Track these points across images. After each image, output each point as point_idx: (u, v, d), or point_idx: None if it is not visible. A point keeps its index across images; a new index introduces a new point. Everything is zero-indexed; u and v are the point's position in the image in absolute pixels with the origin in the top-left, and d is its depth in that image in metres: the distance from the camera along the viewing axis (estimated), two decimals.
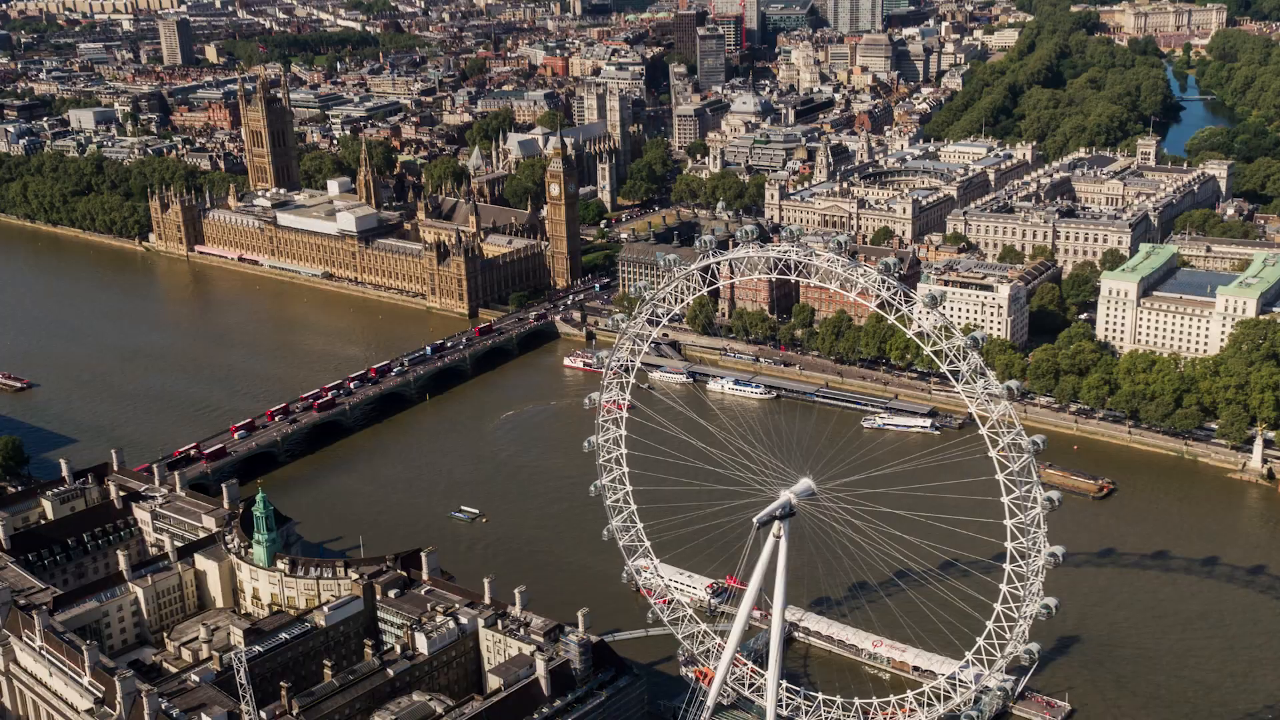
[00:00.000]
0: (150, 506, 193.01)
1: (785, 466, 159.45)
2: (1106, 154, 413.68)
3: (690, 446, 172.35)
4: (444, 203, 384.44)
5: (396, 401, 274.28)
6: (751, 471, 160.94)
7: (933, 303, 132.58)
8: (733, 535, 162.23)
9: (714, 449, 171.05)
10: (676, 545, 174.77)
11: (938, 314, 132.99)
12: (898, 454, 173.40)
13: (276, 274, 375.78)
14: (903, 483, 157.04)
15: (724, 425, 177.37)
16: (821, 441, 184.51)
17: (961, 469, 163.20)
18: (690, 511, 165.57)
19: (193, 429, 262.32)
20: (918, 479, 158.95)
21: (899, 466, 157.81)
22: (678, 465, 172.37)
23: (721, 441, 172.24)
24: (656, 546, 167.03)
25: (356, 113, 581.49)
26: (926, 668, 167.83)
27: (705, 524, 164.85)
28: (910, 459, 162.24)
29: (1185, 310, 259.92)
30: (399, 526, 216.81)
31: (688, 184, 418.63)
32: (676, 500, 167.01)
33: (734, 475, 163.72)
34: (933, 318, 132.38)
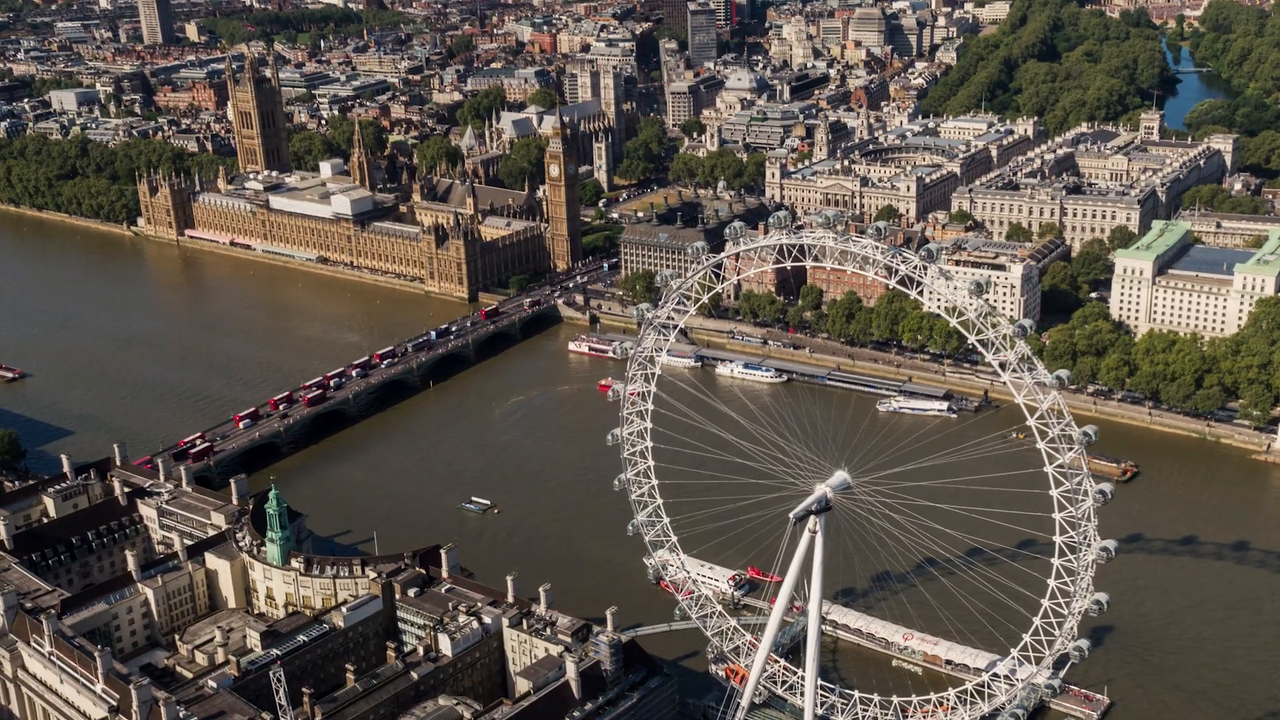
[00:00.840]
0: (156, 503, 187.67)
1: (814, 457, 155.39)
2: (1109, 129, 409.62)
3: (715, 437, 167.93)
4: (439, 184, 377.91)
5: (399, 389, 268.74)
6: (780, 463, 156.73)
7: (978, 290, 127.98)
8: (763, 529, 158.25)
9: (740, 439, 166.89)
10: (704, 540, 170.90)
11: (983, 302, 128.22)
12: (928, 443, 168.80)
13: (269, 258, 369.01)
14: (937, 473, 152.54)
15: (751, 415, 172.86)
16: (844, 428, 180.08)
17: (1002, 461, 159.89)
18: (718, 506, 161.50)
19: (192, 419, 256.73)
20: (954, 470, 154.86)
21: (935, 459, 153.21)
22: (703, 457, 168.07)
23: (748, 432, 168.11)
24: (683, 542, 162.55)
25: (344, 92, 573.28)
26: (960, 661, 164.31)
27: (734, 518, 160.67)
28: (951, 451, 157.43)
29: (1202, 288, 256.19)
30: (410, 519, 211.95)
31: (685, 163, 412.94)
32: (704, 494, 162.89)
33: (762, 468, 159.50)
34: (977, 305, 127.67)
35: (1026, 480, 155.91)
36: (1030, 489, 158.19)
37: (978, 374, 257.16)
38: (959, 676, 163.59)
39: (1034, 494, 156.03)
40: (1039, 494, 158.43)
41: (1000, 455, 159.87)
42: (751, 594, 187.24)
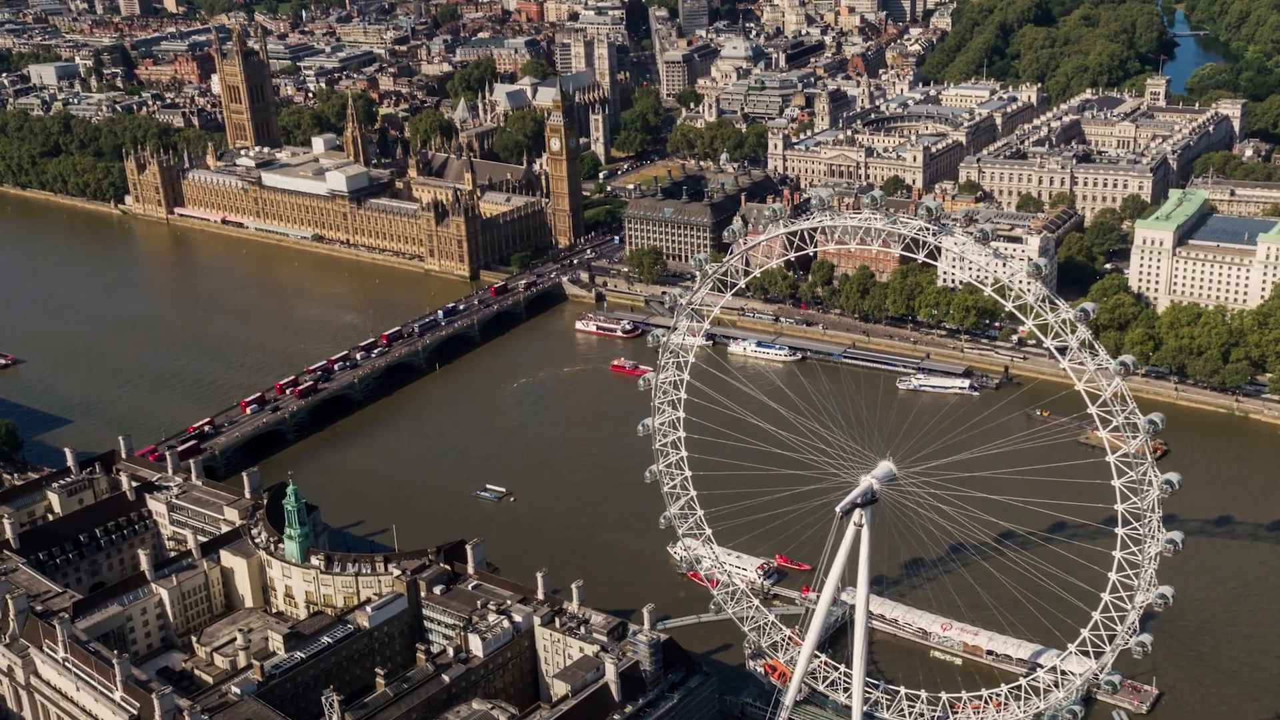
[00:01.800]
0: (166, 498, 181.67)
1: (846, 442, 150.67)
2: (1114, 95, 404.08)
3: (737, 420, 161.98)
4: (434, 159, 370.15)
5: (405, 372, 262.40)
6: (812, 449, 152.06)
7: (1036, 271, 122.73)
8: (793, 517, 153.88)
9: (768, 423, 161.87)
10: (730, 527, 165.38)
11: (1040, 285, 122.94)
12: (964, 426, 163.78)
13: (263, 237, 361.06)
14: (981, 462, 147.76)
15: (777, 397, 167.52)
16: (874, 411, 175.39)
17: (1051, 449, 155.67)
18: (747, 493, 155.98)
19: (192, 405, 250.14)
20: (1000, 457, 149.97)
21: (979, 447, 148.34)
22: (726, 441, 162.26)
23: (775, 416, 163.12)
24: (718, 535, 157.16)
25: (330, 64, 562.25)
26: (1002, 652, 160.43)
27: (765, 507, 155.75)
28: (1002, 442, 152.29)
29: (1224, 259, 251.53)
30: (424, 509, 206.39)
31: (684, 134, 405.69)
32: (739, 486, 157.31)
33: (794, 454, 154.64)
34: (1036, 289, 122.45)
35: (1079, 470, 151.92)
36: (1081, 478, 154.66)
37: (996, 350, 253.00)
38: (1001, 668, 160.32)
39: (1087, 484, 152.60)
40: (1091, 483, 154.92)
41: (1047, 442, 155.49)
42: (781, 583, 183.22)
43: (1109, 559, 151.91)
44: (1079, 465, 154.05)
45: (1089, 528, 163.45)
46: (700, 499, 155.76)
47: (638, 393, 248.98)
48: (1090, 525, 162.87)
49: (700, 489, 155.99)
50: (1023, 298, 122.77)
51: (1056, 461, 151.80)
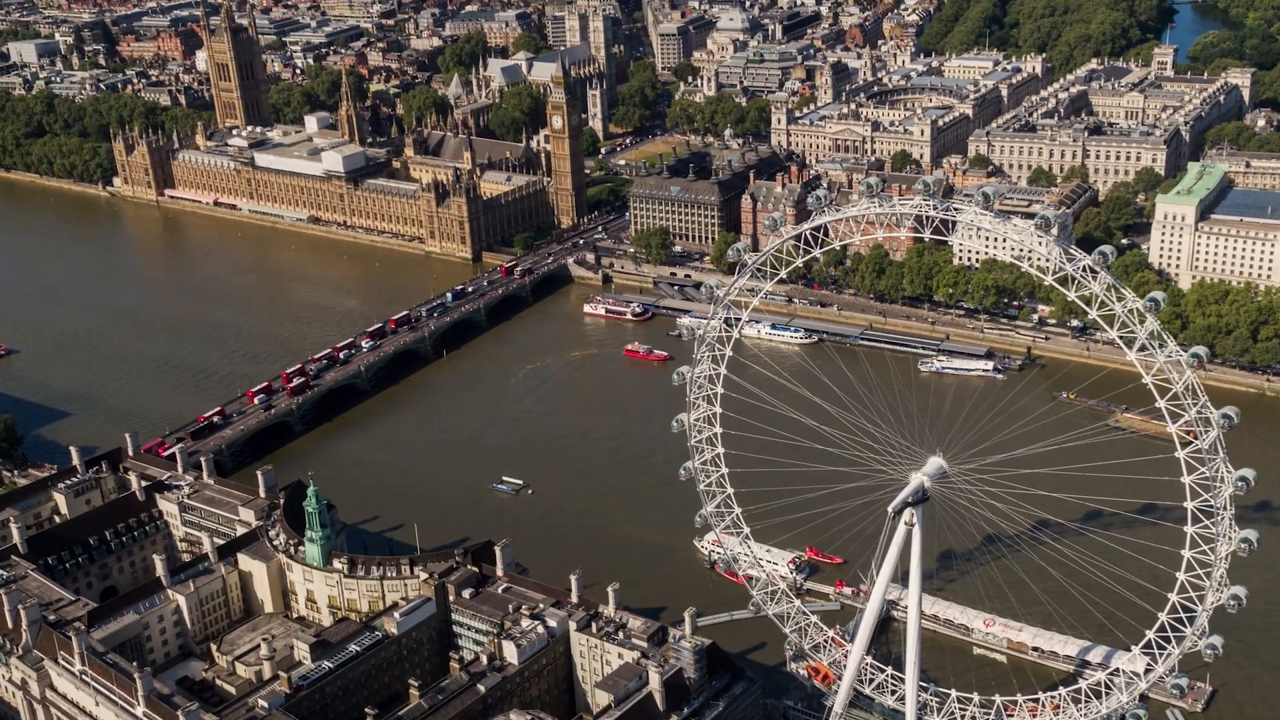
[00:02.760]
0: (177, 497, 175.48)
1: (886, 434, 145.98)
2: (1119, 64, 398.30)
3: (765, 410, 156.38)
4: (430, 137, 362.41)
5: (411, 359, 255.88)
6: (849, 439, 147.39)
7: (1103, 260, 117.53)
8: (835, 513, 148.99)
9: (800, 412, 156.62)
10: (770, 525, 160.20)
11: (1106, 274, 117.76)
12: (1004, 415, 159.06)
13: (257, 219, 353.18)
14: (1029, 454, 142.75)
15: (809, 387, 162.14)
16: (902, 397, 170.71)
17: (1093, 439, 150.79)
18: (788, 488, 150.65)
19: (194, 396, 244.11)
20: (1049, 451, 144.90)
21: (1028, 441, 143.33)
22: (762, 433, 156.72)
23: (810, 405, 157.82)
24: (757, 534, 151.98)
25: (316, 39, 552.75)
26: (1048, 649, 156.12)
27: (804, 499, 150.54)
28: (1039, 430, 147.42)
29: (1248, 234, 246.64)
30: (440, 503, 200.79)
31: (684, 109, 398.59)
32: (770, 478, 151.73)
33: (833, 449, 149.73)
34: (1102, 277, 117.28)
35: (1137, 466, 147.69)
36: (1139, 474, 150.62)
37: (1017, 330, 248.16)
38: (1048, 665, 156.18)
39: (1145, 480, 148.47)
40: (1138, 476, 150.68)
41: (1085, 430, 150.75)
42: (813, 577, 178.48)
43: (1158, 551, 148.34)
44: (1125, 456, 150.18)
45: (1135, 519, 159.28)
46: (741, 497, 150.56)
47: (652, 378, 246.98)
48: (1138, 517, 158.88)
49: (743, 488, 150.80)
50: (1088, 287, 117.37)
51: (1101, 452, 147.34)
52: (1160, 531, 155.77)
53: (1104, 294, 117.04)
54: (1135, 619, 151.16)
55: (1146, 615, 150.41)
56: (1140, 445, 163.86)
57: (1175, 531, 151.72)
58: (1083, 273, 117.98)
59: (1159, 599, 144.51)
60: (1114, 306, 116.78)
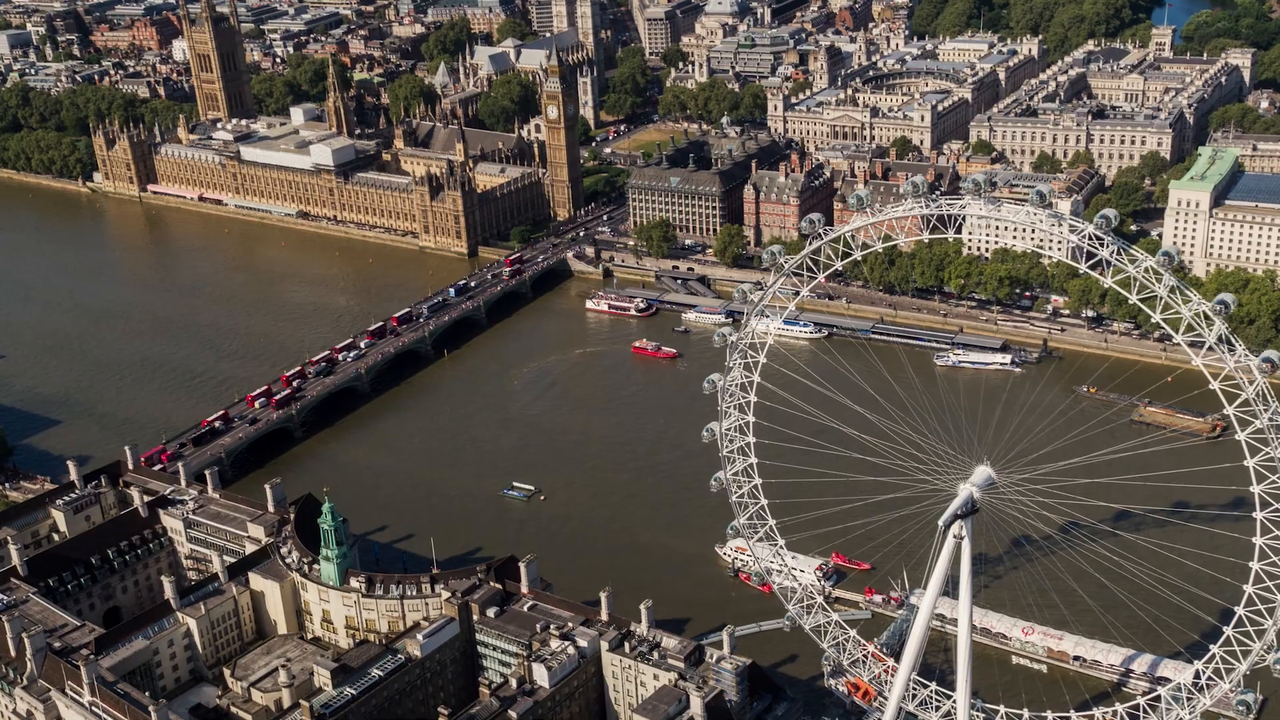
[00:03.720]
0: (182, 513, 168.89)
1: (926, 439, 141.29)
2: (1117, 45, 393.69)
3: (780, 411, 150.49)
4: (419, 128, 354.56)
5: (412, 360, 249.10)
6: (889, 447, 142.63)
7: (1168, 262, 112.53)
8: (861, 517, 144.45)
9: (836, 419, 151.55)
10: (812, 540, 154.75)
11: (1171, 276, 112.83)
12: (1036, 415, 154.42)
13: (244, 214, 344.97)
14: (1076, 460, 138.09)
15: (840, 387, 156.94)
16: (933, 395, 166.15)
17: (1166, 458, 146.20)
18: (827, 501, 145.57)
19: (188, 400, 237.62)
20: (1079, 447, 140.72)
21: (1066, 444, 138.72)
22: (802, 444, 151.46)
23: (845, 410, 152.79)
24: (789, 544, 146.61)
25: (295, 26, 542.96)
26: (1090, 658, 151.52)
27: (850, 518, 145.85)
28: (1108, 452, 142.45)
29: (1263, 220, 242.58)
30: (450, 511, 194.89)
31: (676, 96, 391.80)
32: (809, 489, 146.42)
33: (871, 459, 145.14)
34: (1168, 281, 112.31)
35: (1193, 475, 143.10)
36: (1187, 481, 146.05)
37: (1031, 322, 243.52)
38: (1090, 674, 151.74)
39: (1189, 485, 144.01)
40: (1192, 485, 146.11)
41: (1168, 453, 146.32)
42: (839, 584, 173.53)
43: (1200, 556, 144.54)
44: (1173, 462, 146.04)
45: (1173, 523, 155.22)
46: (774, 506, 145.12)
47: (661, 376, 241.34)
48: (1174, 520, 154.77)
49: (777, 499, 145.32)
50: (1151, 289, 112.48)
51: (1146, 461, 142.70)
52: (1198, 536, 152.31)
53: (1169, 296, 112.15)
54: (1182, 624, 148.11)
55: (1191, 620, 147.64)
56: (1194, 453, 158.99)
57: (1211, 536, 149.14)
58: (1146, 274, 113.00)
59: (1203, 603, 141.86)
60: (1180, 310, 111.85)
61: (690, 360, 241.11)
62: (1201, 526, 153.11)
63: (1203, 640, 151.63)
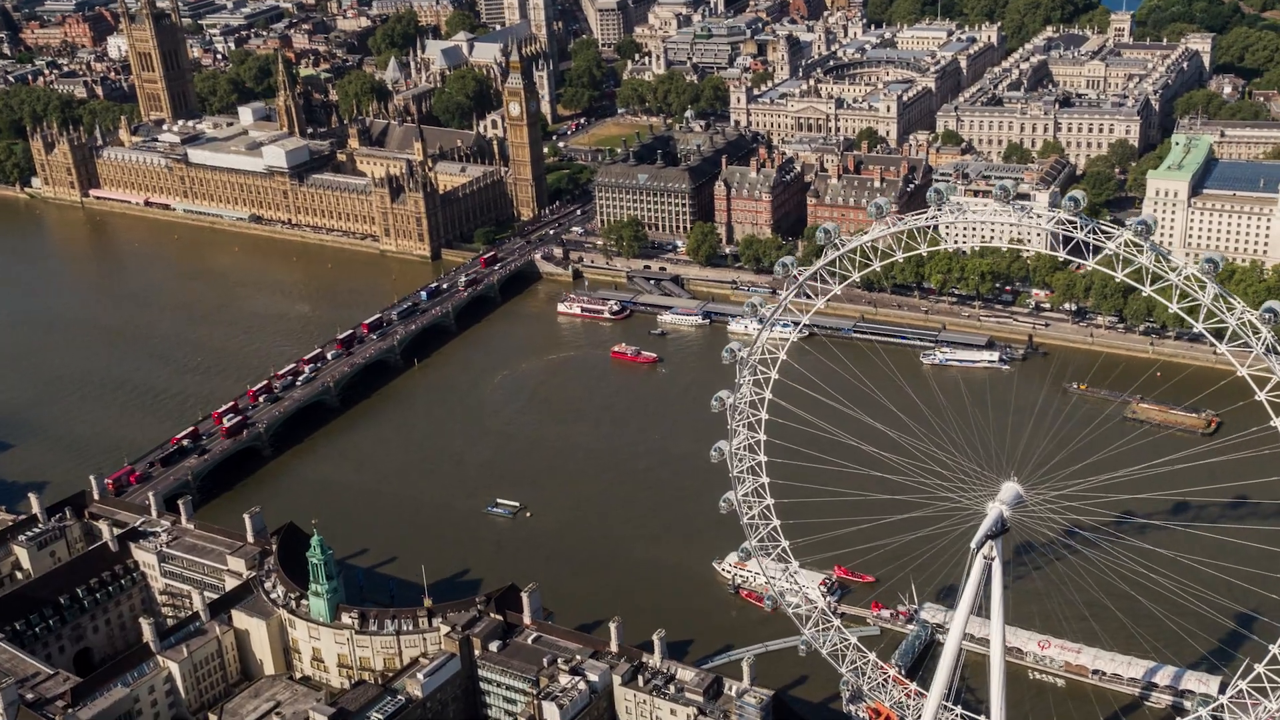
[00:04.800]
0: (155, 546, 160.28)
1: (938, 451, 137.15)
2: (1076, 32, 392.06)
3: (805, 430, 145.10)
4: (373, 126, 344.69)
5: (381, 370, 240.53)
6: (897, 454, 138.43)
7: (1211, 269, 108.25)
8: (867, 531, 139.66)
9: (846, 431, 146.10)
10: (819, 556, 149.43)
11: (1215, 284, 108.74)
12: (1015, 410, 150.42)
13: (193, 219, 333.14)
14: (1106, 476, 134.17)
15: (812, 386, 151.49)
16: (925, 394, 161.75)
17: (1207, 473, 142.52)
18: (837, 514, 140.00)
19: (147, 418, 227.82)
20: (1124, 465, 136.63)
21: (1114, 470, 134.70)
22: (813, 464, 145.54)
23: (846, 418, 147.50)
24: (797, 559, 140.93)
25: (235, 21, 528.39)
26: (1110, 671, 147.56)
27: (863, 531, 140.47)
28: (1146, 468, 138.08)
29: (1243, 209, 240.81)
30: (433, 531, 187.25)
31: (634, 88, 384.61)
32: (823, 508, 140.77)
33: (882, 474, 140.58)
34: (1212, 287, 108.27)
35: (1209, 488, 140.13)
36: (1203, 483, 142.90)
37: (1015, 317, 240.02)
38: (1110, 688, 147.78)
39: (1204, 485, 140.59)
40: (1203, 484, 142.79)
41: (1206, 468, 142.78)
42: (845, 599, 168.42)
43: (1205, 559, 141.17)
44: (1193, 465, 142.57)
45: (1186, 529, 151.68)
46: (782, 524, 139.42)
47: (643, 382, 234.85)
48: (1185, 527, 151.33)
49: (789, 519, 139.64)
50: (1196, 297, 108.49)
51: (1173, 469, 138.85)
52: (1208, 543, 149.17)
53: (1211, 304, 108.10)
54: (1203, 628, 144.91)
55: (1212, 625, 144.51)
56: (1219, 463, 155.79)
57: (1214, 539, 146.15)
58: (1187, 281, 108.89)
59: (1223, 609, 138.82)
60: (1225, 318, 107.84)
61: (671, 365, 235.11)
62: (1201, 531, 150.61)
63: (1225, 648, 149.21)
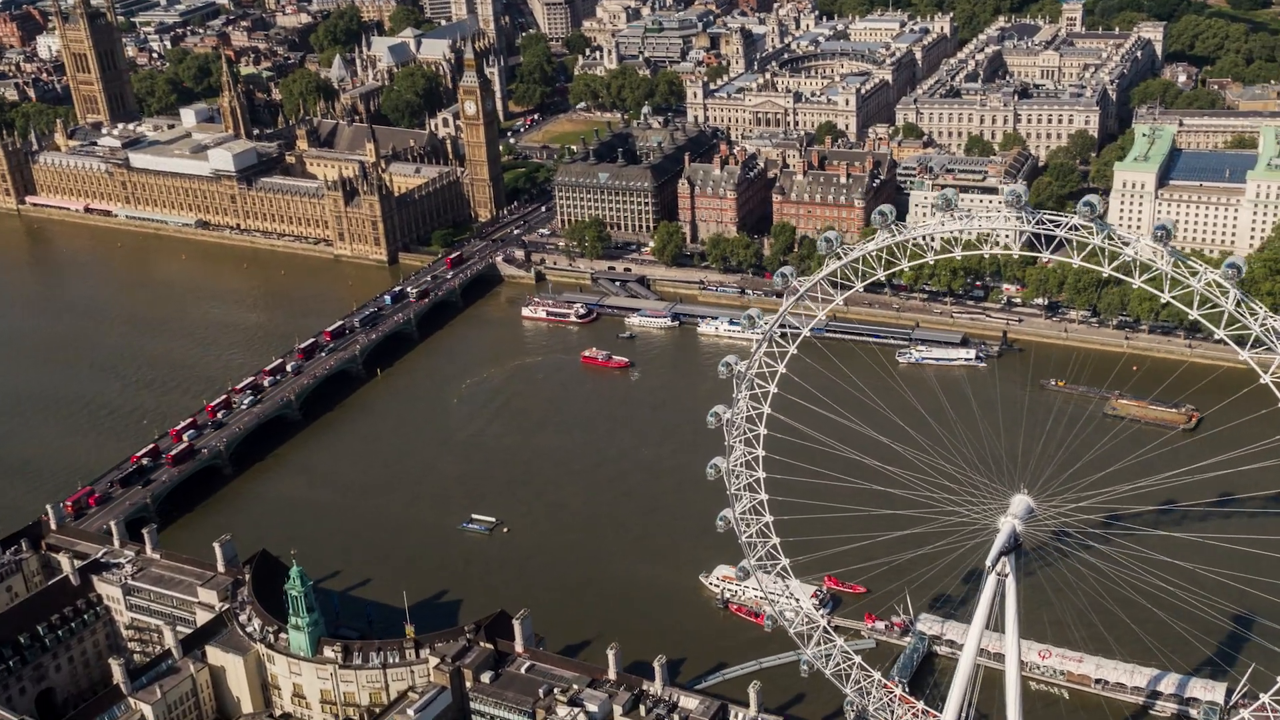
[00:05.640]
0: (119, 578, 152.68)
1: (933, 459, 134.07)
2: (1028, 21, 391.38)
3: (802, 445, 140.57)
4: (321, 126, 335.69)
5: (343, 381, 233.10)
6: (906, 473, 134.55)
7: (1236, 273, 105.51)
8: (874, 546, 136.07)
9: (844, 444, 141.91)
10: (811, 568, 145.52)
11: (1238, 291, 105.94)
12: (1001, 408, 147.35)
13: (137, 226, 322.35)
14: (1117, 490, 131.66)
15: (798, 391, 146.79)
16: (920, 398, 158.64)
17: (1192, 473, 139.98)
18: (853, 544, 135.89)
19: (97, 438, 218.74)
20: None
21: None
22: (810, 474, 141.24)
23: (834, 425, 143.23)
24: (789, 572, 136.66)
25: (169, 18, 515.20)
26: (1114, 680, 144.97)
27: (873, 560, 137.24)
28: (1141, 468, 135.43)
29: (1211, 200, 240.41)
30: (408, 550, 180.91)
31: (587, 84, 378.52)
32: (826, 529, 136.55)
33: (881, 483, 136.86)
34: (1234, 294, 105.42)
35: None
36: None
37: (988, 314, 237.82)
38: (1113, 698, 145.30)
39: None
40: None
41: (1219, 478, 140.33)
42: (837, 610, 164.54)
43: (1204, 561, 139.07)
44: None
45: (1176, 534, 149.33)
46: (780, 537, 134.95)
47: (615, 389, 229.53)
48: (1175, 534, 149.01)
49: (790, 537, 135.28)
50: (1219, 305, 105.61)
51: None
52: (1206, 546, 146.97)
53: (1234, 310, 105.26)
54: (1208, 632, 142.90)
55: (1214, 628, 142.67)
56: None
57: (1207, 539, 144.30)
58: (1208, 287, 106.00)
59: (1222, 611, 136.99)
60: (1251, 326, 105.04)
61: (642, 369, 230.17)
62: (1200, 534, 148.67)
63: (1229, 651, 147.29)
